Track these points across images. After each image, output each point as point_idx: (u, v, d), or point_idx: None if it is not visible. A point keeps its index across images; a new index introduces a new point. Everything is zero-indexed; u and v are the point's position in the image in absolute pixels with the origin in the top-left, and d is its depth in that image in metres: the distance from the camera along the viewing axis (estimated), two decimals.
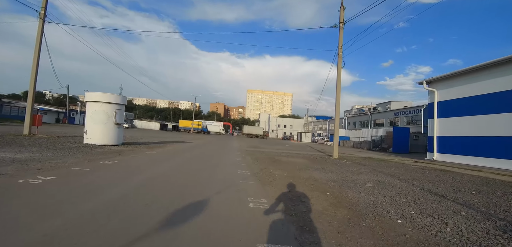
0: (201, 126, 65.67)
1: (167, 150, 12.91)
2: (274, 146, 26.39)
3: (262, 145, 25.38)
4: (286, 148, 22.82)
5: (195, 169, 7.32)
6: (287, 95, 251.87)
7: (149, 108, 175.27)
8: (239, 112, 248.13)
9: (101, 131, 12.04)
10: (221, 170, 7.39)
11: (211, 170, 7.26)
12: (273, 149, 19.90)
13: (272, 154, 15.27)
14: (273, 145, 27.24)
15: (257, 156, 12.98)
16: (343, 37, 16.50)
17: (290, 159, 12.16)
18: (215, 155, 12.22)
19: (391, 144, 30.50)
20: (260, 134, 71.36)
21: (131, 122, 69.21)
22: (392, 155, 22.99)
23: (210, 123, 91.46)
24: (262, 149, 19.61)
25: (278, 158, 12.22)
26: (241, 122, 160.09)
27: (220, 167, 8.03)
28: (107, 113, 12.12)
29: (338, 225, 3.28)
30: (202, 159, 10.04)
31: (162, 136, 29.08)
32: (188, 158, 9.80)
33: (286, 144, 35.41)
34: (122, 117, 13.17)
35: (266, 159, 11.36)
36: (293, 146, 30.07)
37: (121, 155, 9.02)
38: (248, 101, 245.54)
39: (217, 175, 6.56)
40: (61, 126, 33.93)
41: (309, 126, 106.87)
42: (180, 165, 7.96)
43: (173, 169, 7.03)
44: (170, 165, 7.81)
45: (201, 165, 8.19)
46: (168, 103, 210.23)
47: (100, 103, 12.03)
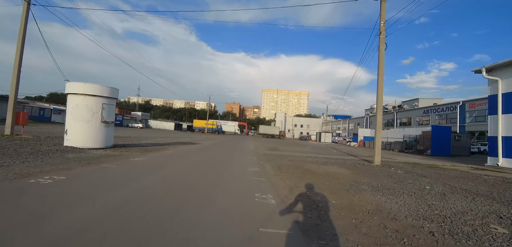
0: (216, 126, 63.48)
1: (165, 154, 10.32)
2: (294, 147, 23.39)
3: (281, 147, 22.46)
4: (309, 151, 19.74)
5: (182, 192, 4.56)
6: (303, 94, 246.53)
7: (165, 109, 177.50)
8: (255, 112, 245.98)
9: (84, 131, 9.65)
10: (226, 196, 4.58)
11: (209, 195, 4.47)
12: (295, 152, 16.91)
13: (296, 159, 12.32)
14: (292, 147, 24.24)
15: (279, 162, 10.10)
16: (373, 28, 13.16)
17: (324, 168, 9.16)
18: (224, 161, 9.48)
19: (428, 145, 26.54)
20: (277, 134, 68.22)
21: (146, 123, 68.52)
22: (434, 159, 19.27)
23: (225, 123, 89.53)
24: (282, 151, 16.70)
25: (308, 167, 9.26)
26: (256, 122, 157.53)
27: (226, 188, 5.23)
28: (91, 109, 9.72)
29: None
30: (204, 168, 7.31)
31: (172, 137, 26.92)
32: (183, 169, 7.09)
33: (306, 145, 32.18)
34: (112, 113, 10.75)
35: (292, 168, 8.45)
36: (316, 147, 26.87)
37: (91, 165, 6.46)
38: (264, 100, 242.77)
39: (216, 208, 3.76)
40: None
41: (327, 125, 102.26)
42: (163, 182, 5.25)
43: (150, 191, 4.31)
44: (149, 182, 5.11)
45: (197, 181, 5.43)
46: (184, 104, 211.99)
47: (82, 96, 9.64)
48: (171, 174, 6.10)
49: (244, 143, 24.54)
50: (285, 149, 19.97)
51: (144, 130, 44.10)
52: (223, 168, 7.58)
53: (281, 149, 19.52)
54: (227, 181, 5.77)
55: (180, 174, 6.09)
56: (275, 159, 11.69)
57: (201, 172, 6.55)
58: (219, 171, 6.93)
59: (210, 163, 8.70)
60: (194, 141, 22.15)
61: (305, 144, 34.18)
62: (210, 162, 8.84)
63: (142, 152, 10.20)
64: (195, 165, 8.00)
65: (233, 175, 6.49)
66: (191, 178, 5.76)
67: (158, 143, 15.51)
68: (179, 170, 6.70)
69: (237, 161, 9.66)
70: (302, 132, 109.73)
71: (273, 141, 38.93)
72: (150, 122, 69.45)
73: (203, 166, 7.89)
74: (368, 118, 68.13)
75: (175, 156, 10.14)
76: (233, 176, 6.35)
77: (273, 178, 6.50)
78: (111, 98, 10.47)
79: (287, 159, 11.45)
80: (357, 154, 20.47)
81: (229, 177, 6.25)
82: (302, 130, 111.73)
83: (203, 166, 7.89)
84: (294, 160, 11.37)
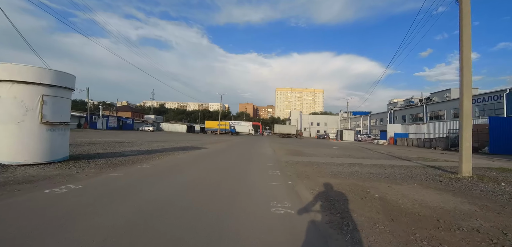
0: (228, 127, 60.11)
1: (136, 171, 6.72)
2: (319, 149, 19.35)
3: (304, 149, 18.50)
4: (342, 154, 15.65)
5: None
6: (318, 92, 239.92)
7: (179, 111, 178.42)
8: (268, 111, 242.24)
9: (11, 138, 6.22)
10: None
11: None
12: (326, 157, 12.91)
13: (336, 166, 8.40)
14: (317, 148, 20.22)
15: (318, 180, 6.21)
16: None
17: (400, 191, 5.18)
18: (231, 185, 5.67)
19: (484, 141, 21.69)
20: (293, 133, 63.94)
21: (158, 125, 66.43)
22: (505, 159, 14.61)
23: (238, 123, 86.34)
24: (309, 156, 12.79)
25: (369, 186, 5.32)
26: (270, 121, 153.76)
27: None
28: (24, 103, 6.27)
29: None
30: (183, 208, 3.55)
31: (179, 140, 23.68)
32: (132, 219, 3.35)
33: (331, 145, 27.92)
34: (64, 110, 7.26)
35: (354, 196, 4.55)
36: (344, 148, 22.65)
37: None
38: (277, 99, 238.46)
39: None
40: (76, 132, 30.43)
41: (346, 123, 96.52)
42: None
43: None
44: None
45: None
46: (198, 106, 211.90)
47: (8, 84, 6.21)
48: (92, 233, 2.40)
49: (259, 146, 20.84)
50: (310, 152, 16.01)
51: (153, 133, 41.44)
52: (226, 205, 3.80)
53: (305, 152, 15.57)
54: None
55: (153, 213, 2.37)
56: (305, 169, 7.85)
57: (172, 224, 2.81)
58: (215, 221, 3.14)
59: (205, 189, 4.92)
60: (201, 144, 18.66)
61: (329, 144, 29.91)
62: (206, 187, 5.06)
63: (101, 169, 6.63)
64: (192, 184, 4.27)
65: (245, 229, 2.72)
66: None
67: (149, 151, 12.05)
68: (121, 220, 2.99)
69: (252, 183, 5.85)
70: (319, 131, 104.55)
71: (291, 141, 34.93)
72: (162, 125, 67.34)
73: (186, 199, 4.11)
74: (392, 113, 62.31)
75: (166, 169, 6.56)
76: (246, 230, 2.58)
77: (320, 223, 2.68)
78: (60, 88, 6.99)
79: (327, 173, 7.53)
80: (400, 154, 16.14)
81: (239, 219, 2.51)
82: (319, 129, 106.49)
83: (186, 199, 4.11)
84: (337, 174, 7.42)
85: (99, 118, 44.27)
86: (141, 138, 22.90)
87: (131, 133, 36.55)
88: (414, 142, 31.40)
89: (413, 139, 32.16)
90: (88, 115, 41.71)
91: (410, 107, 57.96)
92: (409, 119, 55.10)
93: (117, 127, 50.53)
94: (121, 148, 12.57)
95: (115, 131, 38.72)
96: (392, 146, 30.35)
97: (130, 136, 26.86)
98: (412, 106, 58.69)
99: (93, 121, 42.83)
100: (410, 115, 55.37)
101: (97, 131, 36.04)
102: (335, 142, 36.78)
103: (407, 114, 56.46)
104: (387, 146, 31.16)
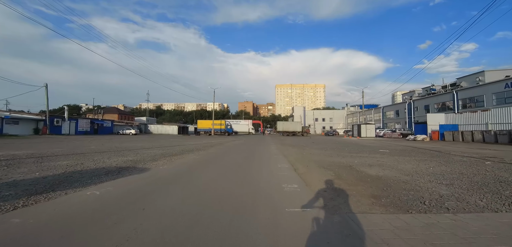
0: (224, 126, 52.15)
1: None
2: (357, 154, 12.03)
3: (332, 154, 11.21)
4: (397, 162, 8.33)
5: None
6: (319, 87, 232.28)
7: (177, 112, 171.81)
8: (269, 109, 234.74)
9: None
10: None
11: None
12: (385, 169, 5.69)
13: None
14: (346, 151, 12.92)
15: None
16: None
17: None
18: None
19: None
20: (299, 130, 56.36)
21: (145, 128, 58.88)
22: None
23: (237, 122, 78.64)
24: (356, 165, 5.42)
25: None
26: (271, 119, 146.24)
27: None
28: None
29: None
30: None
31: (153, 145, 16.45)
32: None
33: (362, 145, 20.51)
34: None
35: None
36: (379, 148, 15.29)
37: None
38: (277, 96, 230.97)
39: None
40: (28, 140, 23.12)
41: (353, 117, 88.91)
42: None
43: None
44: None
45: None
46: (196, 106, 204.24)
47: None
48: None
49: (263, 147, 13.56)
50: (345, 156, 8.72)
51: (134, 137, 34.12)
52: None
53: (340, 159, 8.28)
54: None
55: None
56: None
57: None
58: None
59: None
60: (174, 153, 11.49)
61: (348, 143, 22.48)
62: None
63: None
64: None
65: None
66: None
67: (62, 178, 4.63)
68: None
69: None
70: (324, 127, 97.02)
71: (301, 141, 27.54)
72: (151, 127, 59.80)
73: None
74: (412, 103, 54.71)
75: None
76: None
77: None
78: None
79: None
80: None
81: None
82: (324, 125, 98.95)
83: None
84: None
85: (65, 120, 36.69)
86: (105, 146, 15.65)
87: (104, 138, 29.18)
88: (465, 136, 23.81)
89: (461, 133, 24.56)
90: (48, 118, 34.12)
91: (434, 95, 50.38)
92: (434, 109, 47.57)
93: (90, 131, 42.93)
94: (56, 169, 5.20)
95: (85, 137, 31.45)
96: (438, 142, 22.88)
97: (96, 142, 19.57)
98: (434, 95, 51.06)
99: (55, 125, 35.28)
100: (435, 104, 47.84)
101: (58, 137, 28.67)
102: (356, 140, 29.21)
103: (431, 103, 48.89)
104: (427, 142, 23.65)
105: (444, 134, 24.77)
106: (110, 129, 47.77)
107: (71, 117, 40.14)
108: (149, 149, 13.95)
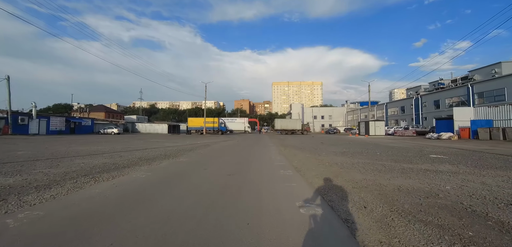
0: (217, 124, 47.36)
1: None
2: (379, 156, 7.90)
3: (363, 162, 7.01)
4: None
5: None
6: (316, 84, 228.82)
7: (171, 111, 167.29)
8: (265, 107, 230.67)
9: None
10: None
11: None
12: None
13: None
14: (378, 156, 8.74)
15: None
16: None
17: None
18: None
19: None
20: (298, 128, 52.15)
21: (132, 126, 54.15)
22: None
23: (232, 120, 74.21)
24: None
25: None
26: (268, 117, 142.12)
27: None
28: None
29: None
30: None
31: (127, 147, 12.04)
32: None
33: (389, 147, 16.41)
34: None
35: None
36: (420, 153, 11.12)
37: None
38: (274, 94, 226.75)
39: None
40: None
41: (354, 114, 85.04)
42: None
43: None
44: None
45: None
46: (191, 104, 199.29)
47: None
48: None
49: (260, 154, 9.31)
50: (408, 174, 4.51)
51: (116, 137, 29.61)
52: None
53: (405, 181, 4.10)
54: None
55: None
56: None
57: None
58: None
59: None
60: (139, 159, 7.01)
61: (370, 144, 18.40)
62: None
63: None
64: None
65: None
66: None
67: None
68: None
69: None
70: (323, 125, 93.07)
71: (303, 141, 23.45)
72: (139, 126, 54.99)
73: None
74: (419, 98, 50.81)
75: None
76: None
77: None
78: None
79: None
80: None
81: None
82: (323, 122, 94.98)
83: None
84: None
85: (32, 119, 31.84)
86: (52, 150, 11.15)
87: (74, 138, 24.59)
88: (505, 133, 19.77)
89: (495, 129, 20.52)
90: (10, 116, 29.27)
91: (445, 90, 46.48)
92: (445, 104, 43.75)
93: (66, 130, 38.09)
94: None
95: (58, 137, 26.91)
96: (474, 142, 18.87)
97: (56, 144, 15.10)
98: (446, 89, 47.06)
99: (20, 123, 30.41)
100: (446, 99, 43.96)
101: (23, 138, 24.08)
102: (369, 140, 25.10)
103: (442, 98, 45.00)
104: (466, 141, 19.58)
105: (477, 132, 20.71)
106: (90, 128, 42.93)
107: (41, 115, 35.14)
108: (104, 155, 9.55)
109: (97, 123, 45.95)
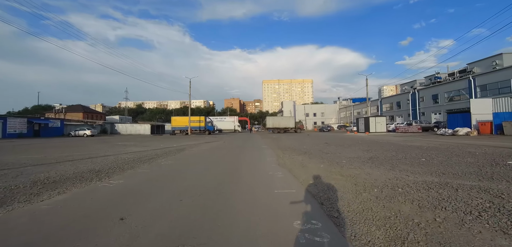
0: (204, 123, 43.16)
1: None
2: (403, 160, 4.61)
3: (395, 175, 3.69)
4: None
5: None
6: (307, 82, 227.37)
7: (159, 110, 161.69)
8: (256, 106, 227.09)
9: None
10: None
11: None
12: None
13: None
14: (401, 160, 5.51)
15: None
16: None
17: None
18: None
19: None
20: (291, 126, 48.95)
21: (112, 127, 49.55)
22: None
23: (221, 119, 70.47)
24: None
25: None
26: (259, 116, 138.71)
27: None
28: None
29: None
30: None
31: (80, 155, 8.25)
32: None
33: (405, 147, 13.25)
34: None
35: None
36: (449, 154, 7.91)
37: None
38: (265, 92, 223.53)
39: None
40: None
41: (347, 110, 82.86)
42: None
43: None
44: None
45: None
46: (180, 104, 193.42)
47: None
48: None
49: (253, 166, 5.80)
50: None
51: (87, 140, 25.45)
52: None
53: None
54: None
55: None
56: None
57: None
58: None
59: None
60: (80, 174, 3.21)
61: (376, 143, 15.32)
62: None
63: None
64: None
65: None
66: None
67: None
68: None
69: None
70: (316, 122, 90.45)
71: (299, 140, 20.25)
72: (119, 127, 50.35)
73: None
74: (416, 93, 48.56)
75: None
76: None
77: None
78: None
79: None
80: None
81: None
82: (315, 120, 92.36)
83: None
84: None
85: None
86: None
87: (40, 142, 20.34)
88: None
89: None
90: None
91: (443, 84, 44.30)
92: (444, 98, 41.60)
93: (28, 133, 33.28)
94: None
95: (18, 141, 22.58)
96: (495, 138, 16.03)
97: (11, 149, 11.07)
98: (445, 82, 44.84)
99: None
100: (445, 93, 41.79)
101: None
102: (373, 138, 22.10)
103: (440, 92, 42.82)
104: (490, 137, 16.72)
105: (502, 126, 17.91)
106: (59, 130, 38.17)
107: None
108: (79, 160, 5.85)
109: (68, 125, 41.11)
